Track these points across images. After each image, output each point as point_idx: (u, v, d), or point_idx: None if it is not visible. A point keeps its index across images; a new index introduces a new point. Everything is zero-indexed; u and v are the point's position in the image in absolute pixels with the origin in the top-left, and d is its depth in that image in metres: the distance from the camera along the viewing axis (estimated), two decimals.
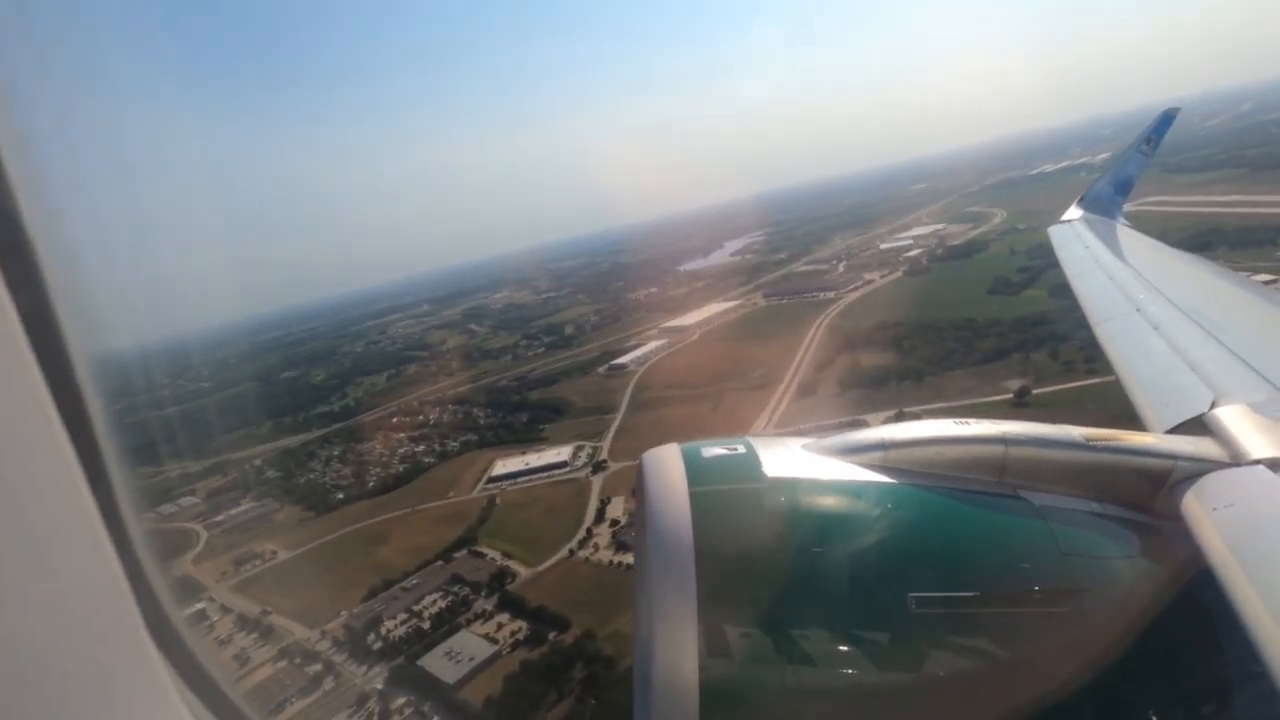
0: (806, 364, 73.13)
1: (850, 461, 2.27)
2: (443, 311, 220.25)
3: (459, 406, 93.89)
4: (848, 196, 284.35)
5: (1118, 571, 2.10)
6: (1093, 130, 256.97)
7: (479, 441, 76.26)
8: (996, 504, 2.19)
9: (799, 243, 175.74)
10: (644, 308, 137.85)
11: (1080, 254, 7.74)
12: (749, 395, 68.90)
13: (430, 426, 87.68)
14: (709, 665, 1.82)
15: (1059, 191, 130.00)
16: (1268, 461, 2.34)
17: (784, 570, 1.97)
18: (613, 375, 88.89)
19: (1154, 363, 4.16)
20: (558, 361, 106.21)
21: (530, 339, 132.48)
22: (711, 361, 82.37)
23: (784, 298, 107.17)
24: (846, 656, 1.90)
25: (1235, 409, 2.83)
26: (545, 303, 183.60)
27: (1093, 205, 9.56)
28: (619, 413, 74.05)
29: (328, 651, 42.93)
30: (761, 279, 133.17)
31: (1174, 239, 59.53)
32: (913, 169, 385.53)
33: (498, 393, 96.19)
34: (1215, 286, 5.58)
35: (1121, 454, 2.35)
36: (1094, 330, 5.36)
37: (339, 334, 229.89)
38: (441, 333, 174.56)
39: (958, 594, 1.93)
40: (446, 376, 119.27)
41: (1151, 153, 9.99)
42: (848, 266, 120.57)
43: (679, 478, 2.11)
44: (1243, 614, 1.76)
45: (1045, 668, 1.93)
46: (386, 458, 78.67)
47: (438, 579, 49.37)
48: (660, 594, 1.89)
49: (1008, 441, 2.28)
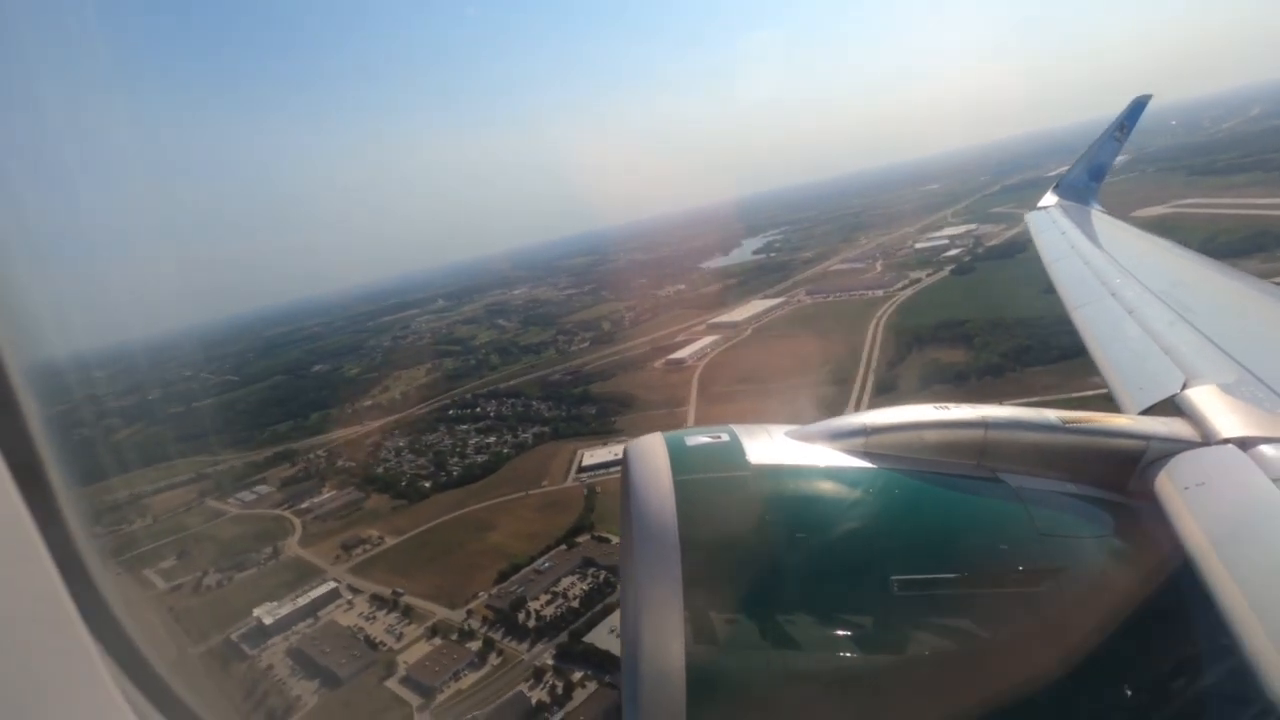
0: (877, 360, 75.05)
1: (833, 448, 2.33)
2: (462, 307, 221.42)
3: (515, 400, 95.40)
4: (854, 198, 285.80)
5: (1093, 551, 2.17)
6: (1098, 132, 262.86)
7: (552, 434, 77.78)
8: (976, 487, 2.27)
9: (821, 242, 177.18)
10: (679, 304, 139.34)
11: (1056, 240, 7.93)
12: (824, 390, 70.80)
13: (492, 419, 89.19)
14: (695, 652, 1.85)
15: None
16: (1237, 441, 2.40)
17: (768, 556, 2.01)
18: (671, 369, 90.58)
19: (1128, 346, 4.22)
20: (606, 356, 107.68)
21: (567, 334, 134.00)
22: (774, 356, 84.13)
23: (829, 295, 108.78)
24: (831, 640, 1.95)
25: (1206, 390, 2.92)
26: (568, 299, 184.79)
27: (1068, 192, 9.80)
28: (690, 405, 75.78)
29: (482, 629, 44.59)
30: (797, 277, 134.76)
31: (1223, 241, 61.96)
32: (912, 171, 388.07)
33: (552, 386, 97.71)
34: (1187, 271, 5.65)
35: (1096, 435, 2.43)
36: (1070, 314, 5.49)
37: (356, 329, 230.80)
38: (468, 328, 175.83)
39: (939, 576, 1.98)
40: (490, 370, 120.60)
41: (1124, 139, 10.15)
42: (885, 265, 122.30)
43: (664, 467, 2.15)
44: (1213, 589, 1.81)
45: (1024, 646, 1.99)
46: (458, 448, 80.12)
47: (570, 562, 50.88)
48: (646, 582, 1.92)
49: (987, 425, 2.37)
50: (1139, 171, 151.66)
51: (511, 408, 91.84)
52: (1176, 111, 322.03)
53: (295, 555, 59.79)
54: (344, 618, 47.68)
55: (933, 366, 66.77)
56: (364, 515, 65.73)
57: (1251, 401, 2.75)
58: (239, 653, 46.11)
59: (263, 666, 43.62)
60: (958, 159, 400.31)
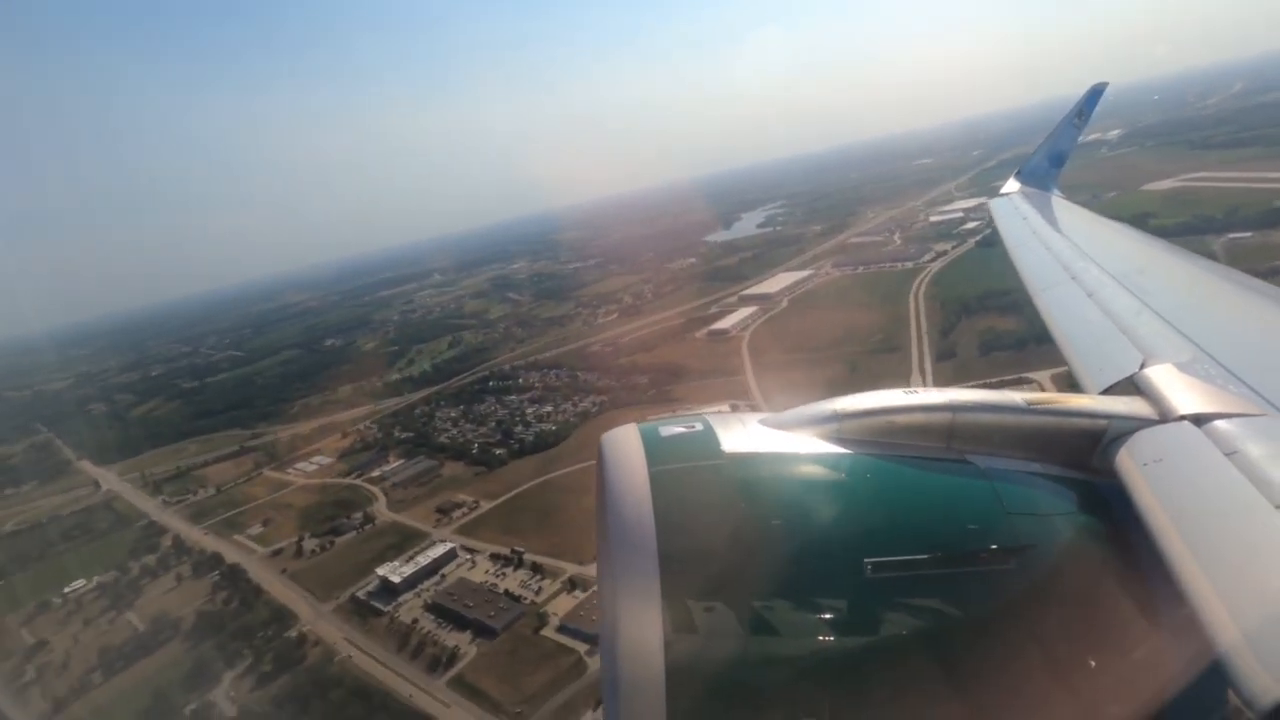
0: (926, 328, 78.04)
1: (806, 434, 2.40)
2: (461, 281, 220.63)
3: (557, 371, 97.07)
4: (846, 172, 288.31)
5: (1059, 528, 2.24)
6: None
7: (611, 402, 79.85)
8: (945, 469, 2.36)
9: (826, 216, 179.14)
10: (696, 277, 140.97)
11: (1019, 225, 8.04)
12: (881, 358, 73.63)
13: (540, 390, 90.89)
14: (674, 640, 1.89)
15: (1089, 167, 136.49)
16: (1192, 417, 2.50)
17: (744, 544, 2.05)
18: (715, 340, 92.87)
19: (1088, 328, 4.32)
20: (639, 328, 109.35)
21: (588, 307, 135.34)
22: (820, 326, 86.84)
23: (857, 268, 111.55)
24: (806, 624, 2.01)
25: (1163, 369, 3.01)
26: (575, 273, 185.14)
27: (1029, 178, 9.99)
28: (747, 374, 78.22)
29: None
30: (814, 250, 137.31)
31: (1244, 215, 65.54)
32: (892, 147, 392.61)
33: (594, 357, 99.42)
34: (1144, 254, 5.80)
35: (1060, 416, 2.54)
36: (1033, 299, 5.57)
37: (351, 304, 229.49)
38: (478, 302, 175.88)
39: (910, 557, 2.04)
40: (516, 343, 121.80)
41: (1083, 126, 10.28)
42: (905, 238, 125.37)
43: (638, 458, 2.20)
44: (1171, 561, 1.90)
45: (994, 622, 2.06)
46: (517, 418, 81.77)
47: None
48: (623, 573, 1.96)
49: (954, 409, 2.46)
50: (1137, 145, 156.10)
51: (557, 378, 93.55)
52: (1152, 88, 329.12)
53: (390, 520, 61.39)
54: (473, 575, 49.40)
55: (989, 334, 69.48)
56: (445, 482, 67.27)
57: (1205, 379, 2.88)
58: (372, 609, 47.97)
59: (407, 620, 45.56)
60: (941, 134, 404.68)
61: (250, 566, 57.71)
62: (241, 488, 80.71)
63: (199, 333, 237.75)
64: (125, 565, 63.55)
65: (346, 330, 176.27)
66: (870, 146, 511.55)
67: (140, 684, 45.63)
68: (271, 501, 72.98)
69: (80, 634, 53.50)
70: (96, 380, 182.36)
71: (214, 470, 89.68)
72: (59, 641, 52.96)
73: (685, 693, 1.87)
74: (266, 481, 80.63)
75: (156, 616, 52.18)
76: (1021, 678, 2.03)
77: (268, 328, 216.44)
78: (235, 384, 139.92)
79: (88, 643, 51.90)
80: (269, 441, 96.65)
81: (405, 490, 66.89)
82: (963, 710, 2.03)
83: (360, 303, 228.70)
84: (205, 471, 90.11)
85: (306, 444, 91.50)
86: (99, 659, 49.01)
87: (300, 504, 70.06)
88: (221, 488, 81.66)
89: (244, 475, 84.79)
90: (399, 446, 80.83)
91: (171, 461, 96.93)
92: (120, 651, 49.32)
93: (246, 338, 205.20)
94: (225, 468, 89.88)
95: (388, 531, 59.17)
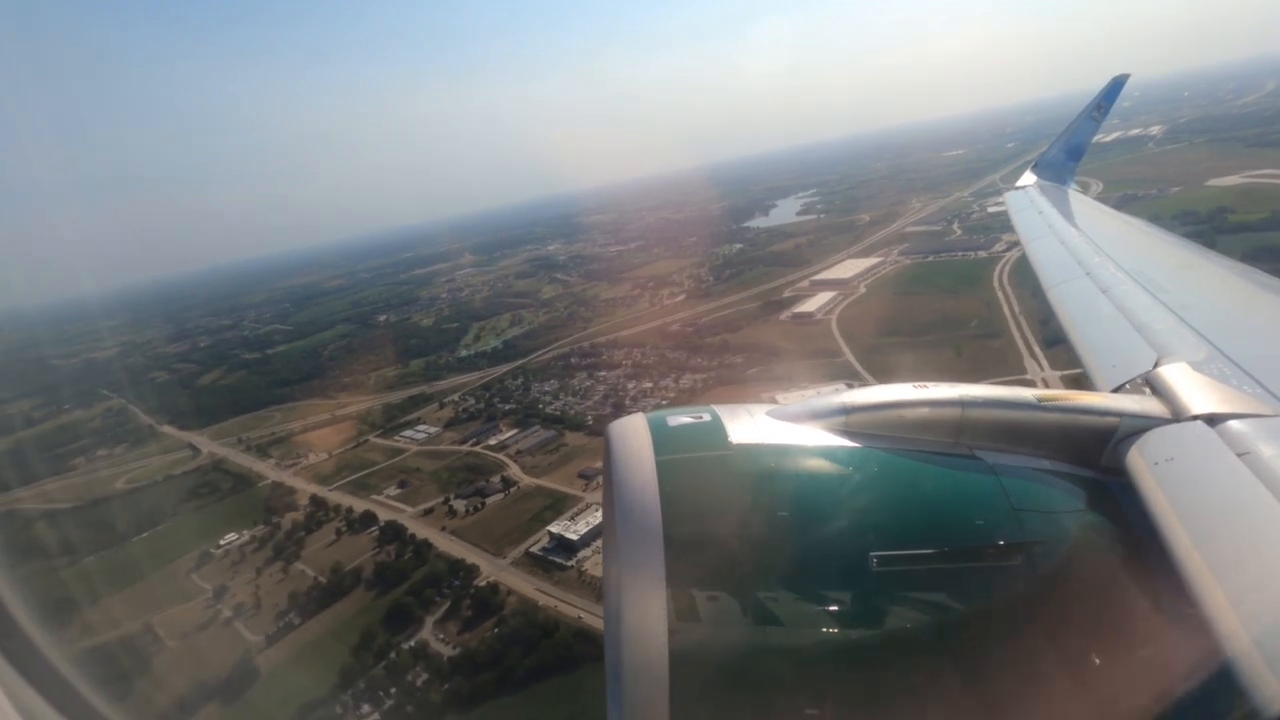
0: (1022, 314, 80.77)
1: (814, 427, 2.42)
2: (499, 262, 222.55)
3: (640, 349, 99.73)
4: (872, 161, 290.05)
5: (1066, 525, 2.24)
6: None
7: (717, 379, 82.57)
8: (953, 464, 2.36)
9: (868, 205, 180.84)
10: (752, 262, 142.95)
11: (1034, 219, 7.97)
12: (983, 343, 76.22)
13: (631, 366, 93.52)
14: (678, 630, 1.90)
15: (1141, 162, 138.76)
16: (1205, 417, 2.48)
17: (750, 535, 2.05)
18: (801, 322, 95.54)
19: (1102, 324, 4.33)
20: (713, 310, 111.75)
21: (647, 289, 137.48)
22: (908, 311, 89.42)
23: (927, 256, 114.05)
24: (811, 616, 2.03)
25: (1176, 368, 3.01)
26: (619, 256, 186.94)
27: (1046, 172, 9.88)
28: (847, 355, 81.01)
29: None
30: (871, 238, 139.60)
31: None
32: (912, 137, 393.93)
33: (675, 337, 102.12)
34: (1159, 250, 5.74)
35: (1070, 413, 2.54)
36: (1046, 293, 5.52)
37: (388, 282, 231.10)
38: (527, 282, 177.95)
39: (916, 551, 2.05)
40: (584, 322, 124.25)
41: (1102, 119, 10.09)
42: (965, 227, 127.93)
43: (645, 447, 2.22)
44: (1180, 561, 1.88)
45: (999, 618, 2.05)
46: (620, 392, 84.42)
47: None
48: (629, 561, 1.98)
49: (964, 404, 2.46)
50: (1185, 142, 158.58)
51: (645, 355, 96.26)
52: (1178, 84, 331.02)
53: (533, 484, 64.17)
54: None
55: None
56: (574, 451, 69.95)
57: (1220, 379, 2.86)
58: (554, 564, 50.81)
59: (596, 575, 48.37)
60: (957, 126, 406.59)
61: (405, 524, 60.56)
62: (353, 453, 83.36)
63: (227, 307, 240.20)
64: (269, 521, 66.35)
65: (395, 307, 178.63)
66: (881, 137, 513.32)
67: (340, 625, 48.55)
68: (394, 466, 75.64)
69: (257, 581, 56.41)
70: (144, 350, 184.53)
71: (314, 436, 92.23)
72: (238, 587, 55.95)
73: (688, 680, 1.88)
74: (377, 448, 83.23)
75: (332, 566, 54.95)
76: (1025, 674, 2.04)
77: (306, 303, 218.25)
78: (301, 356, 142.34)
79: (269, 589, 54.75)
80: (361, 410, 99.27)
81: (534, 457, 69.59)
82: (965, 704, 2.05)
83: (396, 281, 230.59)
84: (305, 438, 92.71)
85: (402, 414, 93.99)
86: (289, 602, 51.92)
87: (427, 469, 72.76)
88: (332, 452, 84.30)
89: (349, 441, 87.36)
90: (506, 417, 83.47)
91: (256, 428, 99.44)
92: (309, 596, 52.10)
93: (287, 312, 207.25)
94: (324, 434, 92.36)
95: (534, 495, 61.91)
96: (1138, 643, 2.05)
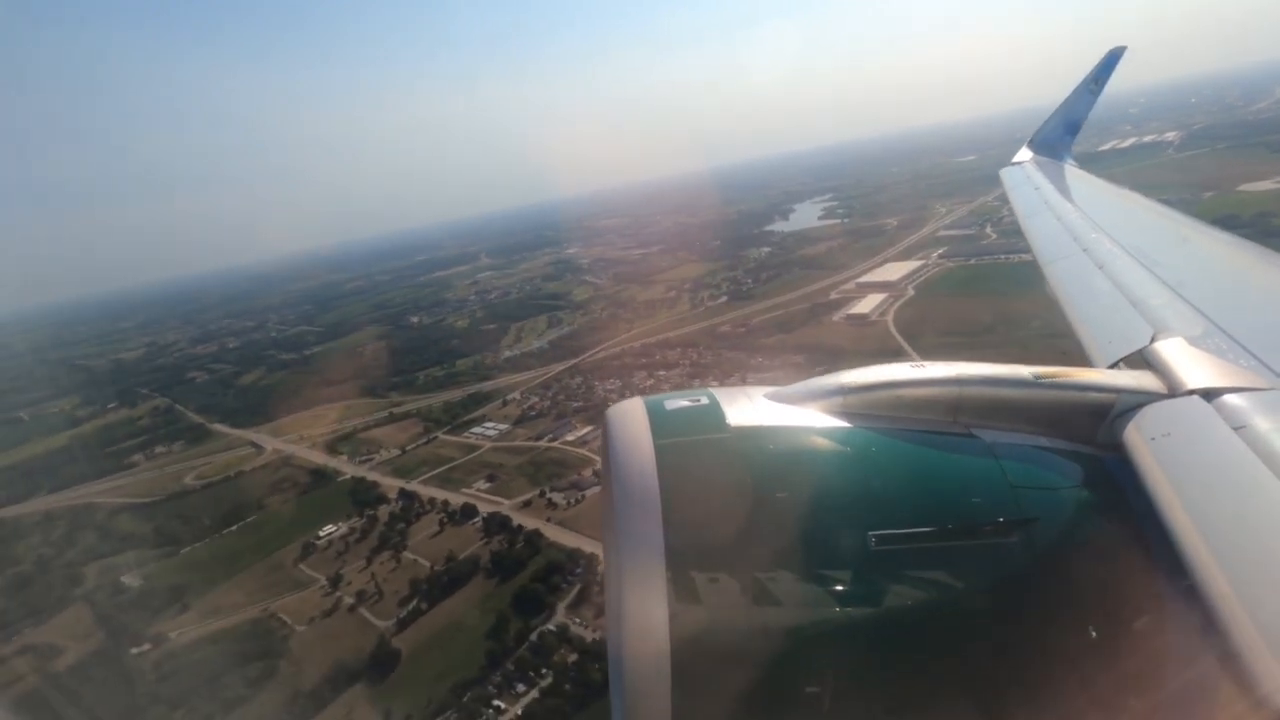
0: None
1: (811, 408, 2.41)
2: (519, 265, 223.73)
3: (694, 349, 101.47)
4: (883, 166, 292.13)
5: (1063, 501, 2.25)
6: (1119, 109, 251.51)
7: (784, 380, 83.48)
8: (950, 443, 2.36)
9: (891, 210, 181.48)
10: (787, 265, 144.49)
11: (1030, 195, 7.93)
12: (1050, 341, 77.88)
13: (688, 366, 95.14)
14: (679, 613, 1.90)
15: (1164, 167, 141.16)
16: (1201, 392, 2.48)
17: (749, 517, 2.04)
18: (855, 324, 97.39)
19: (1098, 300, 4.31)
20: (761, 312, 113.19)
21: (683, 291, 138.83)
22: (964, 312, 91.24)
23: (970, 259, 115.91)
24: (811, 596, 2.02)
25: (1173, 342, 3.00)
26: (644, 259, 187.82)
27: (1042, 147, 9.76)
28: (912, 356, 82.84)
29: None
30: (905, 242, 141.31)
31: None
32: (910, 142, 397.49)
33: (728, 338, 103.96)
34: (1157, 225, 5.78)
35: (1067, 390, 2.52)
36: (1043, 270, 5.56)
37: (409, 284, 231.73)
38: (556, 284, 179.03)
39: (914, 530, 2.06)
40: (627, 324, 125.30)
41: (1098, 92, 9.97)
42: (999, 231, 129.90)
43: (643, 431, 2.20)
44: (1177, 535, 1.90)
45: (997, 595, 2.07)
46: (682, 389, 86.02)
47: None
48: (628, 547, 1.97)
49: (961, 382, 2.46)
50: (1207, 148, 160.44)
51: (701, 355, 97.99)
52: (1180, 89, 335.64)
53: None
54: None
55: None
56: None
57: (1216, 353, 2.86)
58: None
59: None
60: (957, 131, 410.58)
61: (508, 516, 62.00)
62: (425, 449, 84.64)
63: (242, 309, 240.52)
64: (364, 514, 67.62)
65: (424, 309, 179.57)
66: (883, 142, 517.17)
67: (468, 611, 49.99)
68: (474, 460, 76.97)
69: (370, 570, 57.73)
70: (171, 351, 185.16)
71: (379, 433, 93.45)
72: (352, 576, 57.27)
73: (690, 663, 1.90)
74: (449, 444, 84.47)
75: (446, 555, 56.36)
76: (1024, 649, 2.07)
77: (328, 305, 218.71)
78: (341, 356, 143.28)
79: (385, 577, 56.13)
80: (419, 409, 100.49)
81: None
82: (964, 682, 2.09)
83: (416, 283, 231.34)
84: (369, 435, 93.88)
85: (465, 412, 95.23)
86: (411, 589, 53.31)
87: (510, 464, 74.15)
88: (404, 449, 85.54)
89: (418, 438, 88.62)
90: (579, 415, 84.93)
91: (312, 426, 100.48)
92: (430, 583, 53.53)
93: (311, 314, 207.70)
94: (389, 431, 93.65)
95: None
96: (1135, 617, 2.08)
